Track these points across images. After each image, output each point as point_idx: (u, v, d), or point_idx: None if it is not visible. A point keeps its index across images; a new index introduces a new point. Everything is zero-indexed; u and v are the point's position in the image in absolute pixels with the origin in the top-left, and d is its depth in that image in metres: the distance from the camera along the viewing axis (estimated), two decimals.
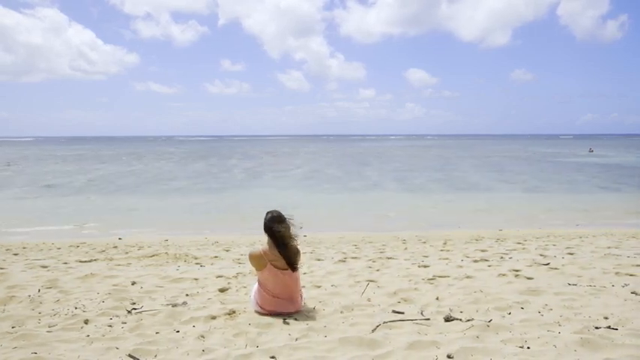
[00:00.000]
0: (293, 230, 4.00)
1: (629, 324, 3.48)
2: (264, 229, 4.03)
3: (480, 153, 59.55)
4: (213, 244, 10.15)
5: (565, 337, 3.18)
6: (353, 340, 3.17)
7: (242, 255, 8.19)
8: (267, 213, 4.09)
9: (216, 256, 8.16)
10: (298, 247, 4.09)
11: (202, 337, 3.36)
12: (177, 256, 8.13)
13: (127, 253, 8.75)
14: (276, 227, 3.93)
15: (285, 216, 4.06)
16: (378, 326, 3.53)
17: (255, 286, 4.14)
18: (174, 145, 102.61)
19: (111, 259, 7.82)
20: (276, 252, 3.95)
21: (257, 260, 3.99)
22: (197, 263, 7.31)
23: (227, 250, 9.02)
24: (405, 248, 8.94)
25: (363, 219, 14.45)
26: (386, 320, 3.67)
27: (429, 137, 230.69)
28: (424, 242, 9.84)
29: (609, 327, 3.38)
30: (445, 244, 9.42)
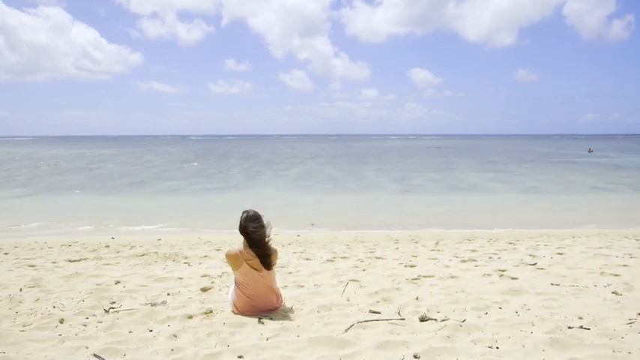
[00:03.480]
0: (268, 230, 4.00)
1: (602, 324, 3.48)
2: (239, 228, 4.03)
3: (480, 153, 59.42)
4: (205, 244, 10.14)
5: (536, 337, 3.17)
6: (323, 339, 3.17)
7: None
8: (243, 212, 4.09)
9: (205, 256, 8.16)
10: (274, 247, 4.09)
11: (175, 336, 3.36)
12: (167, 255, 8.13)
13: (117, 252, 8.74)
14: (251, 226, 3.93)
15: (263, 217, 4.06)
16: (351, 326, 3.53)
17: (232, 285, 4.14)
18: (175, 145, 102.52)
19: (100, 259, 7.83)
20: (251, 251, 3.96)
21: (233, 259, 4.00)
22: (185, 262, 7.31)
23: (218, 250, 9.01)
24: (397, 248, 8.93)
25: (358, 219, 14.43)
26: (360, 320, 3.67)
27: (430, 137, 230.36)
28: (416, 242, 9.82)
29: (582, 327, 3.38)
30: (437, 244, 9.40)
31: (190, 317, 3.87)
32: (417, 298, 4.46)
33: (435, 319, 3.68)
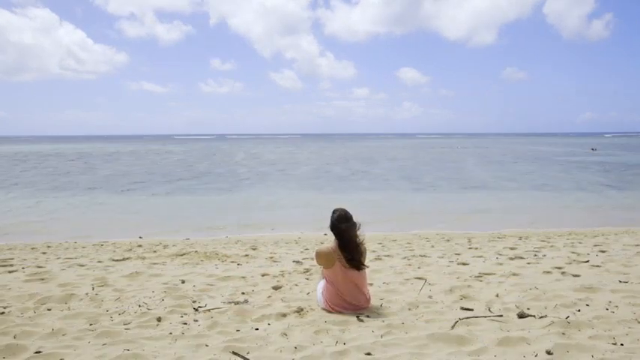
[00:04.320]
0: (359, 230, 4.00)
1: None
2: (330, 227, 3.97)
3: (481, 151, 59.54)
4: (236, 243, 10.08)
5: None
6: (441, 336, 3.17)
7: (274, 253, 8.17)
8: (334, 212, 4.04)
9: (246, 254, 8.13)
10: (364, 246, 4.07)
11: (285, 334, 3.36)
12: (208, 254, 8.09)
13: (154, 252, 8.71)
14: (343, 226, 3.93)
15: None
16: (456, 323, 3.56)
17: (322, 283, 4.13)
18: (174, 144, 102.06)
19: (143, 258, 7.82)
20: (338, 251, 3.94)
21: (325, 258, 3.99)
22: (232, 262, 7.29)
23: (254, 249, 8.97)
24: (432, 246, 8.93)
25: (369, 217, 14.21)
26: (462, 317, 3.70)
27: (426, 136, 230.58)
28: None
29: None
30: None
31: (284, 315, 3.87)
32: (497, 295, 4.47)
33: (534, 316, 3.70)
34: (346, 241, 3.94)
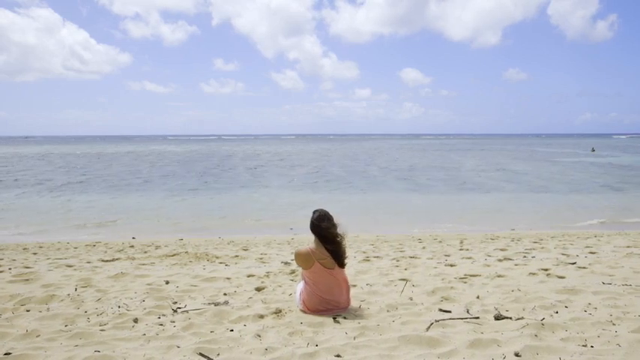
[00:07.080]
0: (339, 229, 4.00)
1: None
2: (311, 227, 4.00)
3: (482, 152, 59.43)
4: (228, 244, 10.08)
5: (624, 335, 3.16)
6: (412, 338, 3.15)
7: (264, 254, 8.16)
8: (314, 212, 4.06)
9: (236, 256, 8.12)
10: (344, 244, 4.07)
11: (259, 335, 3.34)
12: (198, 255, 8.09)
13: (145, 252, 8.73)
14: (324, 225, 3.91)
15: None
16: (431, 324, 3.54)
17: (300, 284, 4.12)
18: (174, 144, 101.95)
19: (133, 259, 7.82)
20: (324, 250, 3.95)
21: (304, 259, 3.98)
22: (221, 263, 7.29)
23: (245, 250, 8.98)
24: (423, 247, 8.91)
25: (367, 218, 14.25)
26: (438, 319, 3.69)
27: (427, 137, 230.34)
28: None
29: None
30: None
31: (262, 317, 3.86)
32: (477, 297, 4.45)
33: (511, 318, 3.68)
34: (328, 238, 3.94)
